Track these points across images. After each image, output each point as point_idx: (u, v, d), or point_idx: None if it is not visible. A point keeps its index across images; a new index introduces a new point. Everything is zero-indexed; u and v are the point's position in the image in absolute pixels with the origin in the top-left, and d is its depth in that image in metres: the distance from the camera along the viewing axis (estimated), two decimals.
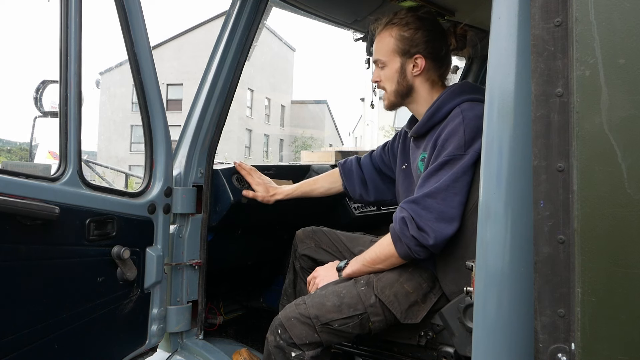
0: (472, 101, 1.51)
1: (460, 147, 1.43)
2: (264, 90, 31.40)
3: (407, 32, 1.59)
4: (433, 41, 1.59)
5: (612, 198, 0.76)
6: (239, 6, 1.86)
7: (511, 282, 0.91)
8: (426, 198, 1.43)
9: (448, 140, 1.46)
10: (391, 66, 1.62)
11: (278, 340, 1.51)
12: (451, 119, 1.50)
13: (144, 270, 1.67)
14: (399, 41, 1.60)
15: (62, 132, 1.40)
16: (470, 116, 1.46)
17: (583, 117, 0.78)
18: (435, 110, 1.57)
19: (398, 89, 1.63)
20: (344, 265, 1.65)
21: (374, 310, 1.51)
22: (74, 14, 1.38)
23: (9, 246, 1.28)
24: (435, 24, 1.63)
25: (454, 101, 1.53)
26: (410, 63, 1.60)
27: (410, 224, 1.43)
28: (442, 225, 1.41)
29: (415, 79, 1.61)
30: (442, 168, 1.45)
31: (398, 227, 1.47)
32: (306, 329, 1.50)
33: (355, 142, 26.64)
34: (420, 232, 1.42)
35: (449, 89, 1.59)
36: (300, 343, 1.49)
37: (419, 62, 1.59)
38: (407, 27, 1.59)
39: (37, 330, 1.36)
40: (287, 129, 34.54)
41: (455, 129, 1.46)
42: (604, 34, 0.77)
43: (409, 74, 1.61)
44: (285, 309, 1.57)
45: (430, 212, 1.42)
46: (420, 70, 1.59)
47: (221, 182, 1.98)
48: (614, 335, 0.77)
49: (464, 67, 2.87)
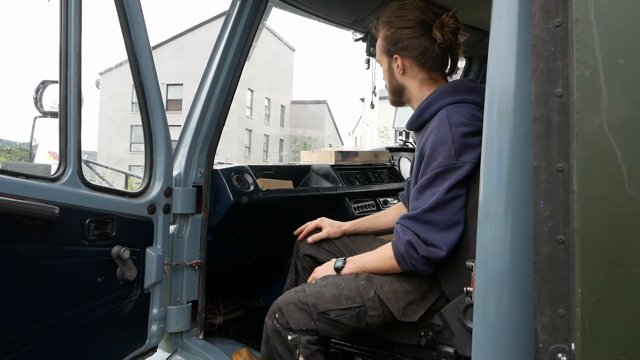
0: (461, 102, 1.49)
1: (451, 156, 1.41)
2: (264, 90, 31.40)
3: (389, 31, 1.57)
4: (413, 38, 1.54)
5: (612, 198, 0.76)
6: (239, 6, 1.86)
7: (511, 282, 0.91)
8: (426, 213, 1.42)
9: (437, 149, 1.43)
10: (383, 66, 1.65)
11: (275, 324, 1.52)
12: (438, 122, 1.47)
13: (144, 271, 1.67)
14: (383, 41, 1.60)
15: (62, 132, 1.40)
16: (457, 122, 1.43)
17: (583, 117, 0.78)
18: (423, 109, 1.55)
19: (391, 88, 1.65)
20: (342, 265, 1.65)
21: (372, 304, 1.52)
22: (74, 14, 1.38)
23: (9, 246, 1.28)
24: (419, 19, 1.55)
25: (442, 101, 1.50)
26: (393, 62, 1.59)
27: (418, 244, 1.41)
28: (449, 234, 1.40)
29: (402, 77, 1.60)
30: (436, 179, 1.43)
31: (404, 249, 1.44)
32: (303, 316, 1.50)
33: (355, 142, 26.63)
34: (429, 249, 1.40)
35: (440, 88, 1.55)
36: (297, 329, 1.50)
37: (398, 61, 1.58)
38: (389, 26, 1.58)
39: (37, 330, 1.36)
40: (287, 129, 34.53)
41: (444, 138, 1.43)
42: (604, 34, 0.77)
43: (396, 74, 1.61)
44: (284, 294, 1.58)
45: (434, 224, 1.41)
46: (402, 69, 1.58)
47: (221, 182, 1.98)
48: (614, 335, 0.77)
49: (464, 67, 2.87)
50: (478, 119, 1.45)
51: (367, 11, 2.10)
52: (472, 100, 1.50)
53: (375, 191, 2.68)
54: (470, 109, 1.48)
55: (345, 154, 2.74)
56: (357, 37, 2.30)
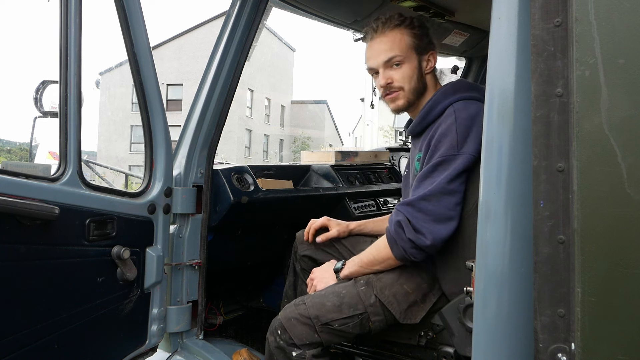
0: (466, 99, 1.51)
1: (453, 147, 1.43)
2: (264, 90, 31.39)
3: (418, 30, 1.60)
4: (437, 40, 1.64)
5: (612, 198, 0.76)
6: (239, 6, 1.86)
7: (511, 282, 0.91)
8: (421, 201, 1.43)
9: (441, 141, 1.46)
10: (408, 67, 1.57)
11: (278, 341, 1.52)
12: (444, 118, 1.49)
13: (144, 271, 1.67)
14: (413, 38, 1.58)
15: (62, 132, 1.40)
16: (463, 116, 1.45)
17: (583, 117, 0.78)
18: (429, 109, 1.56)
19: (417, 87, 1.59)
20: (341, 266, 1.65)
21: (374, 310, 1.51)
22: (74, 14, 1.38)
23: (9, 246, 1.28)
24: None
25: (448, 100, 1.53)
26: (424, 60, 1.60)
27: (407, 226, 1.43)
28: (439, 227, 1.41)
29: (428, 76, 1.62)
30: (436, 169, 1.44)
31: (394, 230, 1.47)
32: (306, 330, 1.50)
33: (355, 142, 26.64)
34: (416, 234, 1.42)
35: (443, 88, 1.59)
36: (300, 343, 1.49)
37: (431, 58, 1.61)
38: (419, 24, 1.61)
39: (37, 330, 1.36)
40: (287, 129, 34.53)
41: (448, 129, 1.45)
42: (604, 34, 0.77)
43: (424, 72, 1.62)
44: (285, 309, 1.57)
45: (426, 214, 1.42)
46: (433, 66, 1.62)
47: (221, 182, 1.98)
48: (614, 335, 0.77)
49: (464, 67, 2.87)
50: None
51: (367, 11, 2.10)
52: (476, 97, 1.51)
53: (375, 191, 2.68)
54: (477, 105, 1.50)
55: (345, 154, 2.74)
56: (357, 37, 2.30)
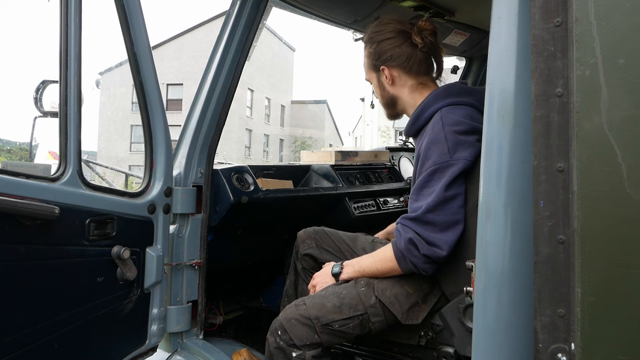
0: (454, 105, 1.51)
1: (445, 154, 1.43)
2: (264, 90, 31.39)
3: (372, 47, 1.63)
4: (395, 47, 1.59)
5: (612, 198, 0.76)
6: (239, 6, 1.87)
7: (511, 282, 0.91)
8: (427, 213, 1.41)
9: (431, 148, 1.46)
10: (373, 83, 1.69)
11: (278, 342, 1.52)
12: (432, 125, 1.50)
13: (144, 270, 1.67)
14: (367, 58, 1.66)
15: (62, 132, 1.40)
16: (450, 122, 1.46)
17: (583, 117, 0.78)
18: (418, 114, 1.58)
19: (384, 102, 1.70)
20: (339, 270, 1.64)
21: (375, 310, 1.51)
22: (74, 14, 1.38)
23: (9, 246, 1.28)
24: (397, 29, 1.60)
25: (436, 105, 1.53)
26: (382, 75, 1.63)
27: (420, 242, 1.41)
28: (449, 233, 1.41)
29: (392, 88, 1.64)
30: (432, 178, 1.44)
31: (404, 247, 1.44)
32: (306, 330, 1.50)
33: (355, 142, 26.66)
34: (431, 248, 1.40)
35: (433, 92, 1.58)
36: (301, 344, 1.49)
37: (386, 72, 1.62)
38: (371, 42, 1.63)
39: (37, 330, 1.36)
40: (287, 129, 34.53)
41: (437, 137, 1.45)
42: (604, 34, 0.77)
43: (386, 85, 1.65)
44: (285, 310, 1.57)
45: (434, 225, 1.41)
46: (391, 79, 1.62)
47: (221, 182, 1.98)
48: (614, 335, 0.77)
49: (464, 67, 2.87)
50: (472, 119, 1.48)
51: (367, 11, 2.10)
52: (466, 102, 1.52)
53: (375, 191, 2.68)
54: (464, 109, 1.50)
55: (345, 153, 2.74)
56: (357, 37, 2.30)
